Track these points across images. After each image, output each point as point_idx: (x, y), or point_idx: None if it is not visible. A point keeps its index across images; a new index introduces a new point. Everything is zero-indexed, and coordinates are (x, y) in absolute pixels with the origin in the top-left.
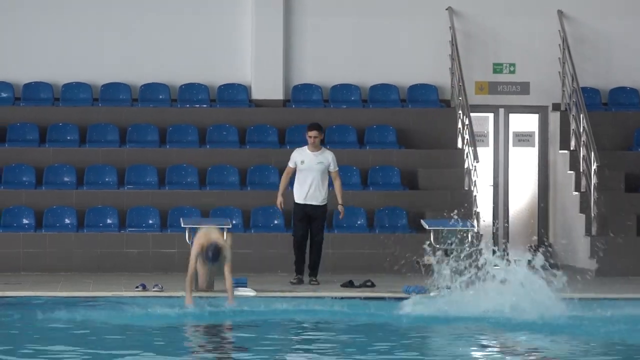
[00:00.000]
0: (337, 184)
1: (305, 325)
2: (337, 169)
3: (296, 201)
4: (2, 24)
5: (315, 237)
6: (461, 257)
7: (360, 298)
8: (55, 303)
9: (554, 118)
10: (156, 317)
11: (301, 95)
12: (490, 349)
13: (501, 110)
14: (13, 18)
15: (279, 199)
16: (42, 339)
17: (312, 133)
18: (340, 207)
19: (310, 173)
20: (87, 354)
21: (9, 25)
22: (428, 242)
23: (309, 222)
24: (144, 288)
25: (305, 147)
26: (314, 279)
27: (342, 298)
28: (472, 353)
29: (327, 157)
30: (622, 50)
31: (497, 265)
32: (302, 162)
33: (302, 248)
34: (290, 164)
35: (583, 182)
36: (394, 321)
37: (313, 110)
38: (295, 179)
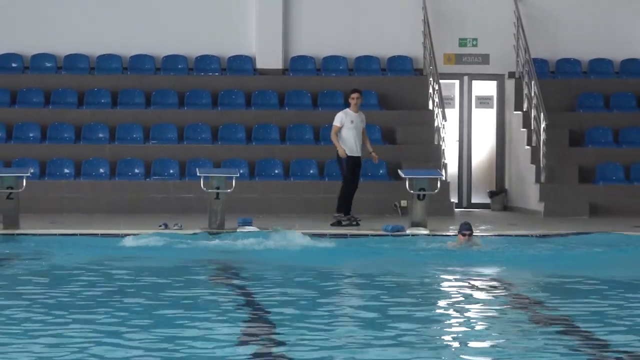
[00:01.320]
0: (367, 137)
1: None
2: None
3: (348, 154)
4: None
5: (357, 181)
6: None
7: (347, 235)
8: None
9: (510, 84)
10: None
11: (298, 65)
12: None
13: (465, 78)
14: None
15: (342, 150)
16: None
17: (356, 95)
18: (374, 154)
19: (356, 130)
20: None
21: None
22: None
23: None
24: (166, 227)
25: (347, 110)
26: (354, 218)
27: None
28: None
29: (364, 116)
30: (568, 27)
31: None
32: (352, 121)
33: (352, 193)
34: (337, 124)
35: (534, 138)
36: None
37: (307, 78)
38: (344, 136)
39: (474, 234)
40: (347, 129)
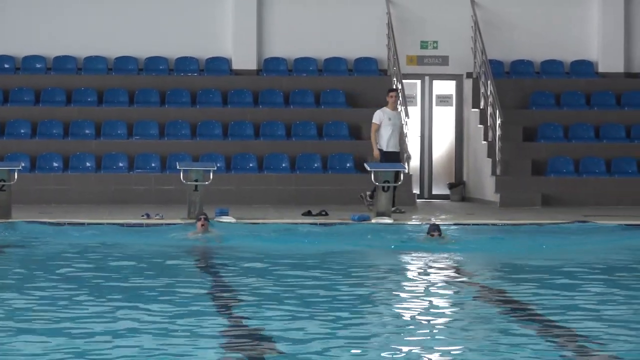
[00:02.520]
0: (403, 134)
1: None
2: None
3: (384, 150)
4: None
5: (399, 176)
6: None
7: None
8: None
9: (468, 84)
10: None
11: (271, 66)
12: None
13: (426, 78)
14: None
15: (376, 152)
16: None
17: (393, 94)
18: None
19: (394, 127)
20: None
21: (40, 4)
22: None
23: None
24: (148, 216)
25: (385, 108)
26: (398, 208)
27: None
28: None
29: (402, 114)
30: (521, 30)
31: None
32: (389, 119)
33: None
34: (376, 121)
35: (490, 134)
36: None
37: (280, 78)
38: (382, 133)
39: (442, 234)
40: (385, 126)
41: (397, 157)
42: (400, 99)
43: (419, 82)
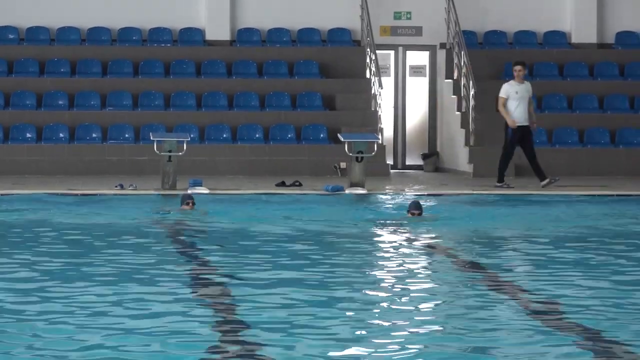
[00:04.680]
0: (532, 108)
1: None
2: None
3: (517, 124)
4: None
5: (531, 149)
6: None
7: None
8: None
9: (441, 54)
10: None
11: (244, 36)
12: None
13: (400, 48)
14: None
15: (511, 120)
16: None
17: (518, 67)
18: (534, 124)
19: (522, 100)
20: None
21: None
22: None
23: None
24: (122, 187)
25: (512, 81)
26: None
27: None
28: None
29: (529, 86)
30: (495, 2)
31: None
32: (517, 92)
33: (509, 161)
34: (503, 95)
35: (463, 104)
36: None
37: (253, 49)
38: (510, 107)
39: (423, 214)
40: (512, 99)
41: (529, 130)
42: (523, 71)
43: (392, 52)
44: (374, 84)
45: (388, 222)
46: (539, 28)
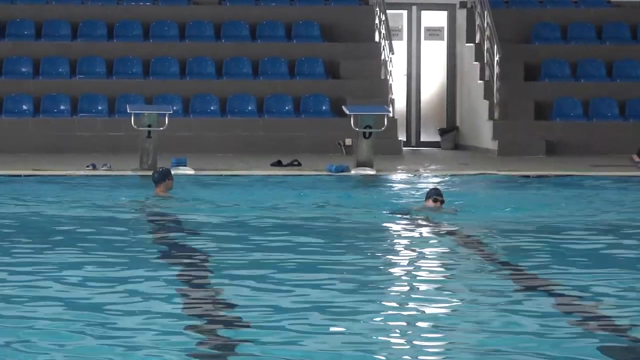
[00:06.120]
0: None
1: None
2: None
3: None
4: None
5: None
6: None
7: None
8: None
9: (461, 15)
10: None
11: None
12: None
13: (414, 7)
14: None
15: None
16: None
17: None
18: None
19: None
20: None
21: None
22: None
23: None
24: (94, 167)
25: None
26: None
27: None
28: None
29: None
30: None
31: None
32: None
33: None
34: None
35: (487, 72)
36: None
37: (245, 8)
38: None
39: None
40: None
41: None
42: None
43: (405, 12)
44: (383, 49)
45: (400, 209)
46: None
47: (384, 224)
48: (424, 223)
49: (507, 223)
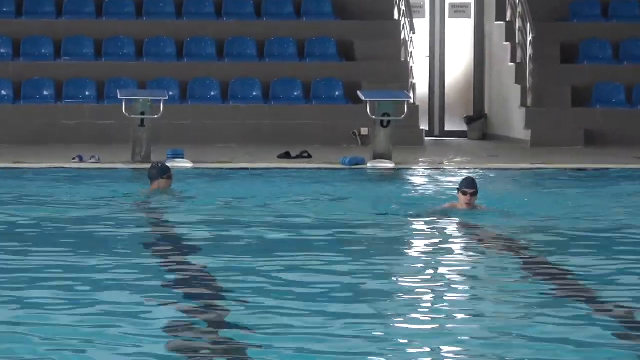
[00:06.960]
0: None
1: None
2: None
3: None
4: None
5: None
6: None
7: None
8: None
9: None
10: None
11: None
12: None
13: None
14: None
15: None
16: None
17: None
18: None
19: None
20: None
21: None
22: None
23: None
24: (81, 160)
25: None
26: None
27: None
28: None
29: None
30: None
31: None
32: None
33: None
34: None
35: (519, 53)
36: None
37: None
38: None
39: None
40: None
41: None
42: None
43: None
44: (403, 27)
45: (421, 206)
46: None
47: (399, 225)
48: (447, 223)
49: (542, 221)
